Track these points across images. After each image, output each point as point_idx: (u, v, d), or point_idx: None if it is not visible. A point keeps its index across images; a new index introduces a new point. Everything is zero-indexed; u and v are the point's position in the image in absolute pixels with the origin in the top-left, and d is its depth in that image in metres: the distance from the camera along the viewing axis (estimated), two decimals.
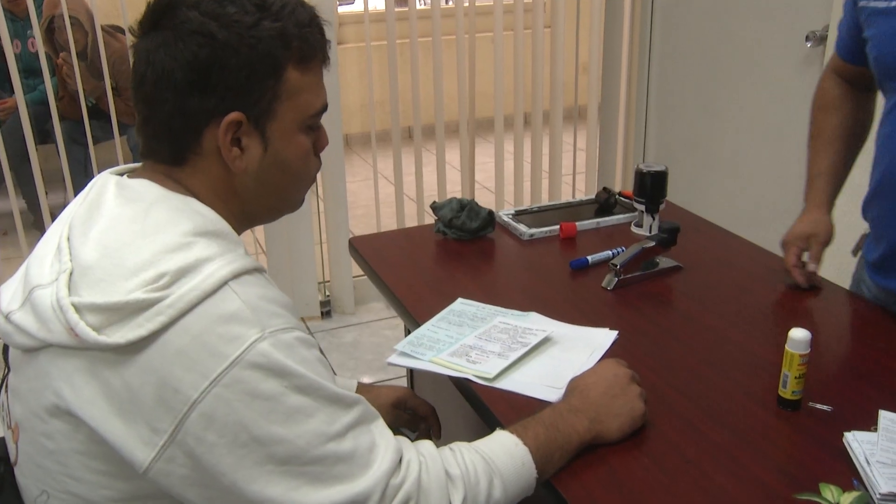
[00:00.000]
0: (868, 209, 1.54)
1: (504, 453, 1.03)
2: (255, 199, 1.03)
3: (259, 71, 0.95)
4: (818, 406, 1.19)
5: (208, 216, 0.96)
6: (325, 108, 1.04)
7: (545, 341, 1.37)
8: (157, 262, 0.89)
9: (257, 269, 0.94)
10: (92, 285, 0.89)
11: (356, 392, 1.39)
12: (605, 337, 1.40)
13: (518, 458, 1.03)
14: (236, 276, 0.90)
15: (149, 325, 0.86)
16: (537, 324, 1.43)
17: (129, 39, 1.01)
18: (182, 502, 0.91)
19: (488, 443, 1.05)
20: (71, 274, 0.90)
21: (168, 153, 0.99)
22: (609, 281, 1.58)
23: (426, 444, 1.01)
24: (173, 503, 0.91)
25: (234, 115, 0.95)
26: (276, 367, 0.87)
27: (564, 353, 1.35)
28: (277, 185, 1.04)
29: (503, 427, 1.09)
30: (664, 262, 1.65)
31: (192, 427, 0.85)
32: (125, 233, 0.92)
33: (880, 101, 1.52)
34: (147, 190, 0.97)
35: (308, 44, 0.99)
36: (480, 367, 1.29)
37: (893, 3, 1.36)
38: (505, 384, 1.27)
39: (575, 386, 1.17)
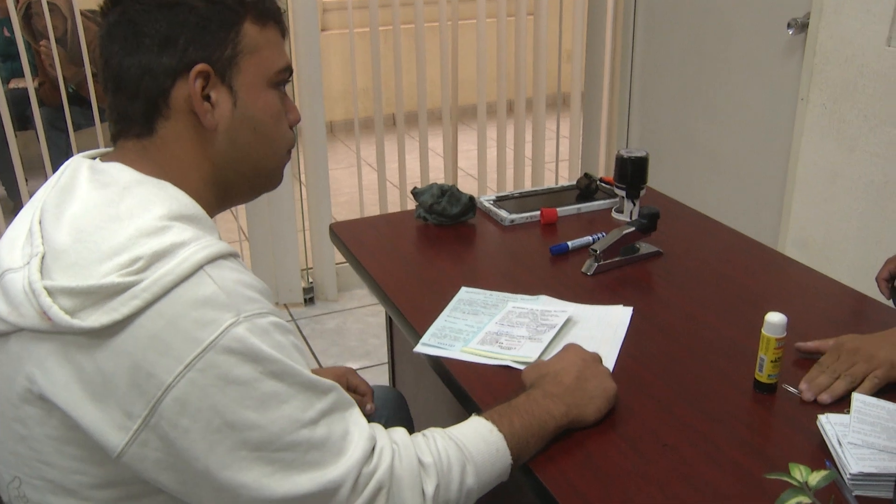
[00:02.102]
0: None
1: (479, 440, 1.03)
2: (229, 165, 1.02)
3: (217, 23, 0.98)
4: (789, 389, 1.21)
5: (183, 200, 0.96)
6: (289, 69, 1.05)
7: (567, 322, 1.39)
8: (132, 246, 0.88)
9: (232, 254, 0.94)
10: (65, 269, 0.88)
11: None
12: (622, 314, 1.42)
13: (492, 445, 1.03)
14: (211, 260, 0.89)
15: (123, 309, 0.85)
16: (552, 305, 1.45)
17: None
18: (155, 486, 0.90)
19: (462, 429, 1.05)
20: (43, 257, 0.89)
21: (138, 123, 0.99)
22: (589, 266, 1.59)
23: (399, 432, 1.01)
24: (147, 488, 0.91)
25: (200, 66, 0.97)
26: (251, 351, 0.87)
27: (590, 331, 1.37)
28: (250, 147, 1.03)
29: (479, 413, 1.09)
30: (644, 247, 1.66)
31: (165, 412, 0.85)
32: (99, 216, 0.91)
33: None
34: (121, 174, 0.97)
35: (263, 3, 1.02)
36: (518, 353, 1.30)
37: None
38: None
39: (545, 373, 1.17)
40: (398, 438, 0.99)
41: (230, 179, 1.04)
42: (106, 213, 0.91)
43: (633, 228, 1.61)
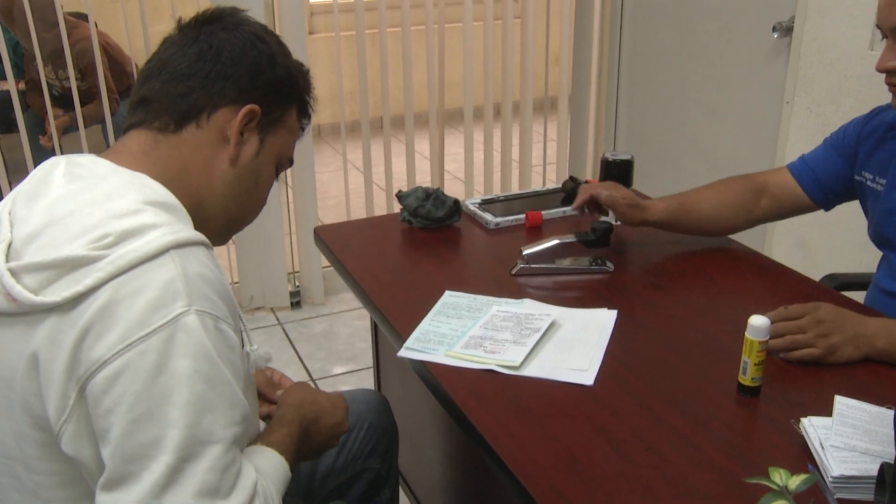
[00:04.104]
0: None
1: (280, 473, 1.04)
2: (221, 196, 1.06)
3: (283, 89, 1.10)
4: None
5: (158, 190, 0.97)
6: (292, 163, 1.17)
7: (552, 325, 1.38)
8: (103, 225, 0.89)
9: (203, 244, 0.94)
10: (36, 250, 0.89)
11: None
12: (606, 317, 1.43)
13: (284, 473, 1.04)
14: (181, 245, 0.90)
15: (86, 280, 0.85)
16: (536, 309, 1.45)
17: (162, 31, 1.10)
18: (91, 472, 0.89)
19: (270, 470, 1.02)
20: (10, 244, 0.91)
21: (170, 119, 1.03)
22: (514, 266, 1.60)
23: (263, 482, 0.98)
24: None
25: (254, 107, 1.05)
26: (194, 345, 0.86)
27: (574, 335, 1.37)
28: (247, 193, 1.10)
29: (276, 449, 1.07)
30: (598, 262, 1.63)
31: (94, 388, 0.84)
32: (74, 202, 0.92)
33: None
34: (97, 166, 0.98)
35: (309, 104, 1.16)
36: (502, 357, 1.30)
37: (879, 188, 1.53)
38: (531, 371, 1.27)
39: (304, 398, 1.19)
40: (261, 489, 0.96)
41: (212, 209, 1.06)
42: (80, 199, 0.93)
43: (572, 239, 1.61)
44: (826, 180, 1.63)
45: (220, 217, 1.08)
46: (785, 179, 1.67)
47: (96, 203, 0.91)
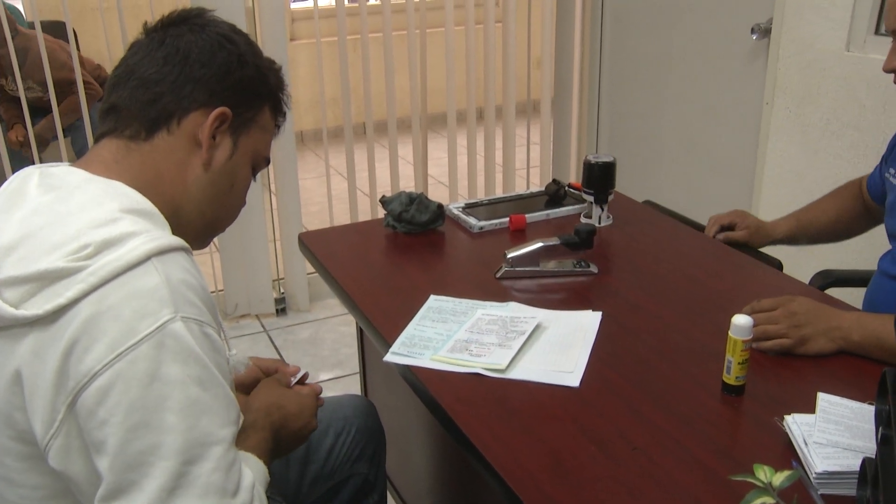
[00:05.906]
0: None
1: (265, 479, 1.04)
2: (197, 200, 1.05)
3: (254, 89, 1.08)
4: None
5: (134, 197, 0.97)
6: (269, 162, 1.16)
7: (537, 328, 1.39)
8: (82, 235, 0.88)
9: (183, 249, 0.94)
10: (14, 263, 0.88)
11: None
12: (591, 319, 1.43)
13: (266, 478, 1.04)
14: (161, 252, 0.89)
15: (68, 293, 0.84)
16: (521, 312, 1.45)
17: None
18: (80, 486, 0.89)
19: (257, 472, 1.03)
20: None
21: (140, 126, 1.02)
22: (499, 269, 1.61)
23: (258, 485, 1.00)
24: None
25: (225, 109, 1.04)
26: (184, 350, 0.86)
27: (559, 337, 1.38)
28: (223, 196, 1.09)
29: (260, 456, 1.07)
30: (581, 264, 1.64)
31: (87, 400, 0.84)
32: (49, 214, 0.92)
33: None
34: (70, 176, 0.98)
35: (283, 101, 1.15)
36: (488, 360, 1.30)
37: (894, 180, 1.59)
38: (517, 374, 1.28)
39: (271, 403, 1.17)
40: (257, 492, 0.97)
41: (189, 214, 1.06)
42: (56, 210, 0.92)
43: (556, 242, 1.62)
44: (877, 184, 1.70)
45: (197, 221, 1.07)
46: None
47: (72, 213, 0.91)
